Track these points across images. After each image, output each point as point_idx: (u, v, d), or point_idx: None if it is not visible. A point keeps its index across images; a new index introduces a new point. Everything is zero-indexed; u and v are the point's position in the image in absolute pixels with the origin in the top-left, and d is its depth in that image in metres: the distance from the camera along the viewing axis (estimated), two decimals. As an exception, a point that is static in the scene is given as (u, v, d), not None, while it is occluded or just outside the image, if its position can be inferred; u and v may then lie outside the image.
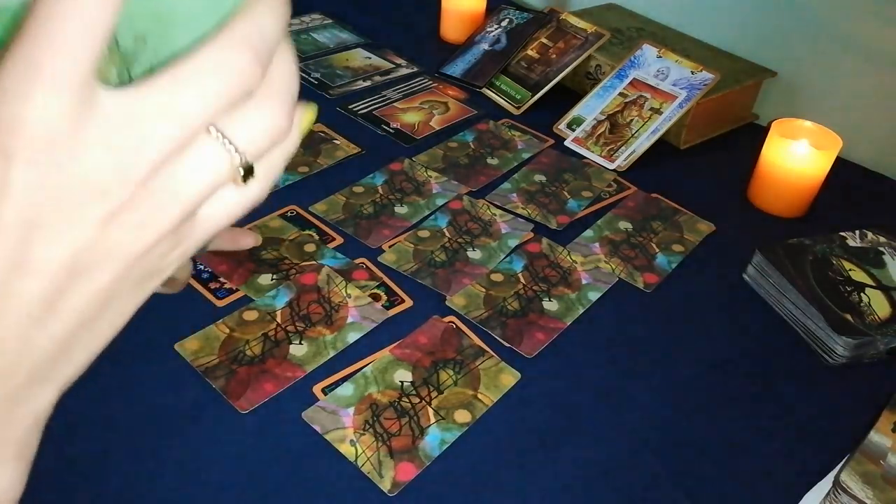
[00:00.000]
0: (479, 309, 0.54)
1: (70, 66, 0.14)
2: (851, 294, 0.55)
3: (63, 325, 0.16)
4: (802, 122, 0.67)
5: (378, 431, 0.44)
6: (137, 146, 0.15)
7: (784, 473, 0.44)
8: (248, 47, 0.15)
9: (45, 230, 0.15)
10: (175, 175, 0.16)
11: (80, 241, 0.15)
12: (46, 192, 0.14)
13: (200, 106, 0.15)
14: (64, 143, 0.14)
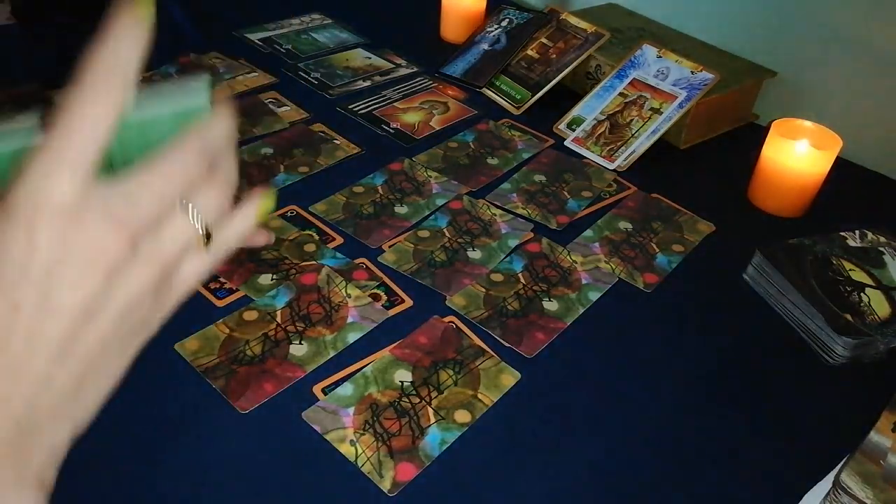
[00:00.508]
0: (479, 309, 0.54)
1: (81, 157, 0.19)
2: (851, 294, 0.55)
3: (78, 363, 0.20)
4: (802, 121, 0.67)
5: (378, 431, 0.44)
6: (128, 215, 0.20)
7: (784, 473, 0.44)
8: (196, 149, 0.22)
9: (63, 280, 0.19)
10: (157, 240, 0.21)
11: (90, 290, 0.20)
12: (64, 249, 0.19)
13: (167, 186, 0.21)
14: (75, 213, 0.19)
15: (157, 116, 0.22)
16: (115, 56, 0.20)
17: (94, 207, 0.19)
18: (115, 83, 0.20)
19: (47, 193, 0.19)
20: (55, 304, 0.19)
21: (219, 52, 0.88)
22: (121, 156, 0.21)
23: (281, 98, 0.80)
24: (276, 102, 0.79)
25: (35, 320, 0.19)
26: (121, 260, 0.20)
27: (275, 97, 0.80)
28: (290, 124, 0.75)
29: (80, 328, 0.20)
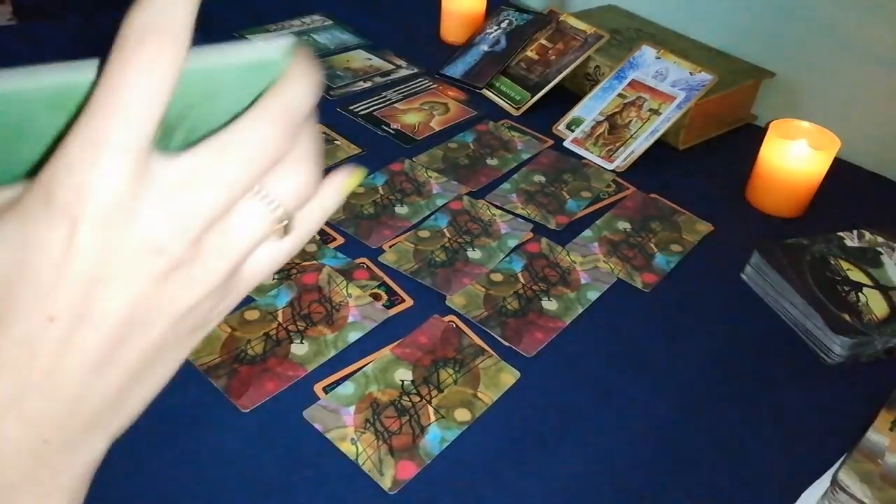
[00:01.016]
0: (478, 308, 0.54)
1: (133, 137, 0.15)
2: (849, 294, 0.55)
3: (118, 375, 0.17)
4: (801, 122, 0.68)
5: (378, 430, 0.44)
6: (190, 209, 0.16)
7: (782, 472, 0.44)
8: (280, 120, 0.17)
9: (106, 286, 0.16)
10: (224, 233, 0.17)
11: (137, 296, 0.16)
12: (109, 251, 0.16)
13: (241, 172, 0.17)
14: (125, 207, 0.16)
15: (224, 67, 0.17)
16: (165, 7, 0.15)
17: (147, 198, 0.16)
18: (168, 40, 0.15)
19: (92, 186, 0.15)
20: (95, 314, 0.16)
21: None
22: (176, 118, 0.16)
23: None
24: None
25: (70, 332, 0.16)
26: (177, 261, 0.17)
27: (275, 98, 0.80)
28: (291, 125, 0.75)
29: (123, 339, 0.17)
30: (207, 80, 0.17)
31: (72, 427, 0.17)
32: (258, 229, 0.18)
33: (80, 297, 0.16)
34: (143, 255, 0.16)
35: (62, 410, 0.17)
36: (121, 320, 0.17)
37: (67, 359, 0.16)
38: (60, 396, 0.17)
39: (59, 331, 0.16)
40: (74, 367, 0.17)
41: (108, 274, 0.16)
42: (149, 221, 0.16)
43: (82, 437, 0.18)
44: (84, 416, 0.17)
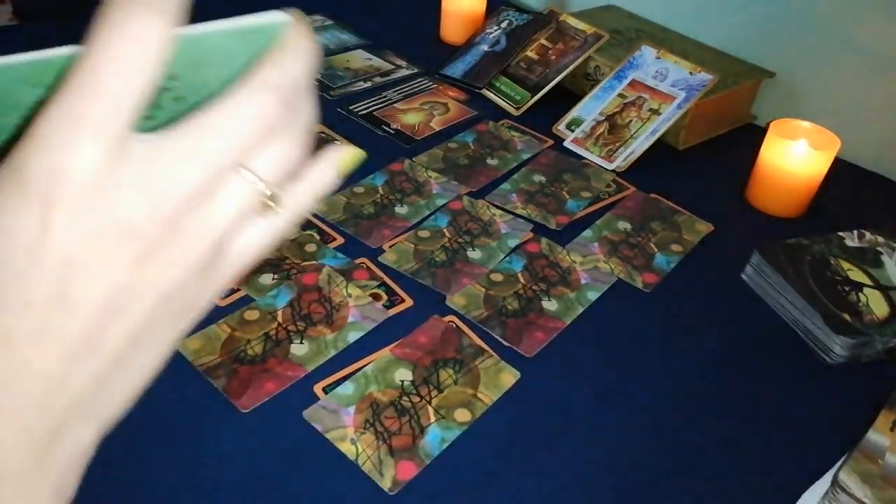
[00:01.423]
0: (478, 308, 0.54)
1: (112, 119, 0.14)
2: (850, 294, 0.55)
3: (100, 362, 0.17)
4: (801, 122, 0.68)
5: (378, 430, 0.44)
6: (167, 189, 0.16)
7: (782, 472, 0.44)
8: (273, 92, 0.16)
9: (83, 271, 0.15)
10: (203, 211, 0.16)
11: (115, 281, 0.16)
12: (84, 234, 0.15)
13: (227, 149, 0.16)
14: (100, 190, 0.15)
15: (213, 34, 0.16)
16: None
17: (125, 177, 0.15)
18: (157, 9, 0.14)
19: (66, 169, 0.14)
20: (73, 299, 0.16)
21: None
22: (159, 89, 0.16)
23: (281, 99, 0.80)
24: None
25: (48, 319, 0.16)
26: (154, 243, 0.16)
27: (275, 98, 0.80)
28: (291, 125, 0.75)
29: (103, 324, 0.16)
30: (195, 48, 0.16)
31: (53, 416, 0.17)
32: (239, 206, 0.17)
33: (56, 283, 0.15)
34: (119, 238, 0.15)
35: (42, 399, 0.16)
36: (99, 306, 0.16)
37: (45, 346, 0.16)
38: (39, 385, 0.16)
39: (35, 317, 0.15)
40: (52, 354, 0.16)
41: (84, 258, 0.15)
42: (123, 204, 0.15)
43: (65, 427, 0.17)
44: (65, 404, 0.17)
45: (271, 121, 0.17)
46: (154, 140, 0.16)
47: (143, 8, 0.14)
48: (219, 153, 0.16)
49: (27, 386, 0.16)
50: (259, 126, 0.17)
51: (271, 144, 0.17)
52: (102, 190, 0.15)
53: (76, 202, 0.15)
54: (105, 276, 0.16)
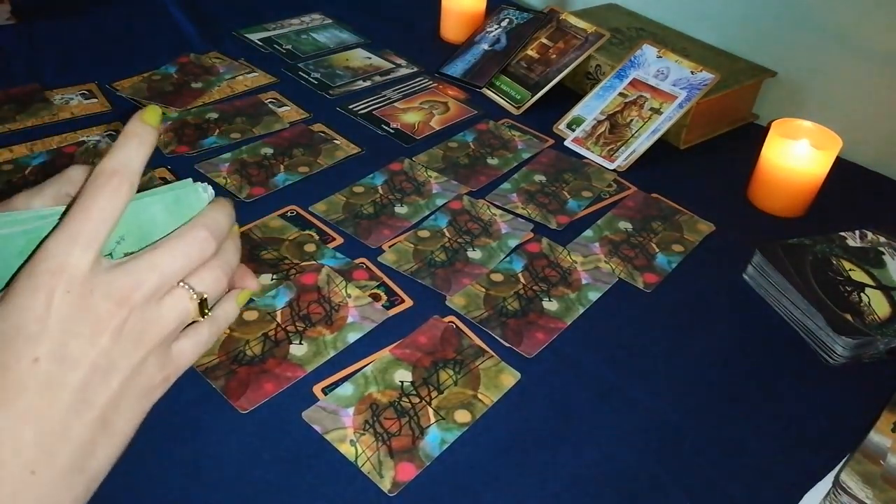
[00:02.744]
0: (478, 309, 0.54)
1: (95, 236, 0.23)
2: (851, 294, 0.55)
3: (92, 416, 0.23)
4: (802, 122, 0.67)
5: (378, 431, 0.44)
6: (133, 286, 0.23)
7: (784, 473, 0.44)
8: (207, 230, 0.25)
9: (78, 336, 0.22)
10: (158, 307, 0.24)
11: (101, 346, 0.23)
12: (78, 310, 0.22)
13: (175, 266, 0.24)
14: (89, 281, 0.22)
15: (153, 203, 0.25)
16: (127, 157, 0.24)
17: (100, 283, 0.23)
18: (125, 180, 0.23)
19: (65, 262, 0.22)
20: (71, 356, 0.22)
21: (219, 52, 0.88)
22: (114, 234, 0.24)
23: (281, 98, 0.80)
24: (276, 102, 0.79)
25: (53, 370, 0.22)
26: (128, 322, 0.23)
27: (275, 97, 0.80)
28: (290, 124, 0.75)
29: (94, 381, 0.22)
30: (138, 215, 0.25)
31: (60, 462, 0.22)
32: (181, 308, 0.25)
33: (58, 344, 0.22)
34: (103, 314, 0.22)
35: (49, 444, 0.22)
36: (91, 364, 0.22)
37: (52, 395, 0.22)
38: (47, 431, 0.21)
39: (43, 370, 0.21)
40: (59, 401, 0.22)
41: (79, 327, 0.22)
42: (106, 292, 0.23)
43: (69, 476, 0.22)
44: (69, 452, 0.22)
45: (206, 250, 0.25)
46: (125, 259, 0.24)
47: (117, 176, 0.23)
48: (170, 267, 0.24)
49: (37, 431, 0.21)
50: (198, 254, 0.25)
51: (205, 270, 0.25)
52: (91, 282, 0.22)
53: (73, 287, 0.22)
54: (94, 342, 0.22)
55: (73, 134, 0.70)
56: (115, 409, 0.23)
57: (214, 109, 0.77)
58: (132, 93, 0.78)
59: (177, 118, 0.74)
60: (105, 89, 0.78)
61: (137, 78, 0.81)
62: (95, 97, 0.77)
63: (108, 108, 0.75)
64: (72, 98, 0.76)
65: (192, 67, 0.84)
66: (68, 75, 0.80)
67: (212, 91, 0.80)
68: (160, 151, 0.69)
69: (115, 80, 0.80)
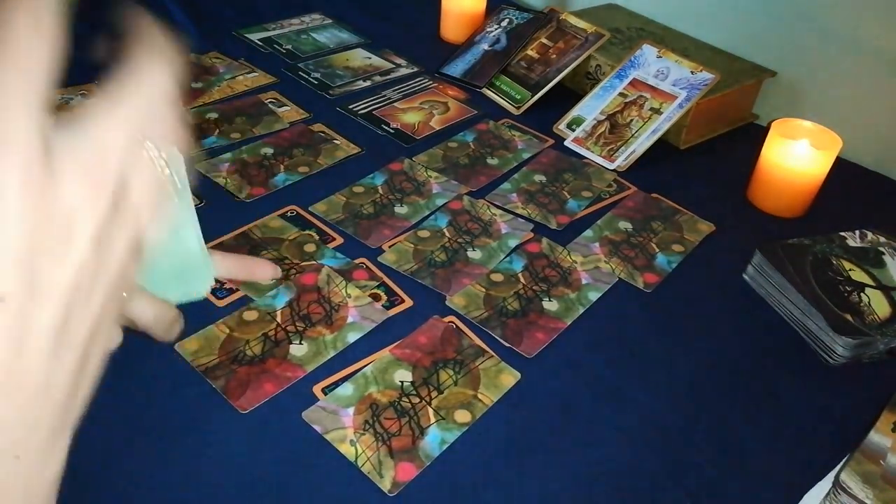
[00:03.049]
0: (479, 309, 0.54)
1: (31, 90, 0.16)
2: (851, 294, 0.55)
3: (73, 355, 0.17)
4: (802, 122, 0.67)
5: (378, 431, 0.44)
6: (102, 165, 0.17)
7: (784, 473, 0.44)
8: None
9: (48, 254, 0.16)
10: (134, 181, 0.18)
11: (79, 261, 0.16)
12: (41, 218, 0.15)
13: (129, 128, 0.18)
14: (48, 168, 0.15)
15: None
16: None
17: (65, 162, 0.16)
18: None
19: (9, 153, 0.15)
20: (44, 283, 0.15)
21: (219, 52, 0.88)
22: None
23: (281, 98, 0.80)
24: (276, 102, 0.79)
25: (24, 311, 0.15)
26: (106, 220, 0.17)
27: (275, 97, 0.80)
28: (290, 124, 0.75)
29: (73, 309, 0.16)
30: None
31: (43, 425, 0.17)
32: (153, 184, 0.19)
33: (26, 272, 0.15)
34: (77, 218, 0.16)
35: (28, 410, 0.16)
36: (69, 289, 0.16)
37: (26, 343, 0.15)
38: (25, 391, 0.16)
39: (12, 311, 0.15)
40: (33, 350, 0.16)
41: (46, 243, 0.15)
42: (73, 185, 0.16)
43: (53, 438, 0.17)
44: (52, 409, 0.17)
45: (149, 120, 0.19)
46: (71, 128, 0.17)
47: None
48: (125, 134, 0.18)
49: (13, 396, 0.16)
50: (148, 106, 0.19)
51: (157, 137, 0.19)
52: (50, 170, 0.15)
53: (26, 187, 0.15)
54: (70, 258, 0.16)
55: (72, 134, 0.70)
56: (94, 337, 0.17)
57: (214, 109, 0.77)
58: (132, 93, 0.78)
59: (177, 118, 0.74)
60: (105, 89, 0.78)
61: (137, 78, 0.81)
62: (95, 97, 0.77)
63: (108, 108, 0.75)
64: (71, 98, 0.76)
65: (192, 67, 0.84)
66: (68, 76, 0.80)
67: (212, 91, 0.80)
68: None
69: (115, 80, 0.80)
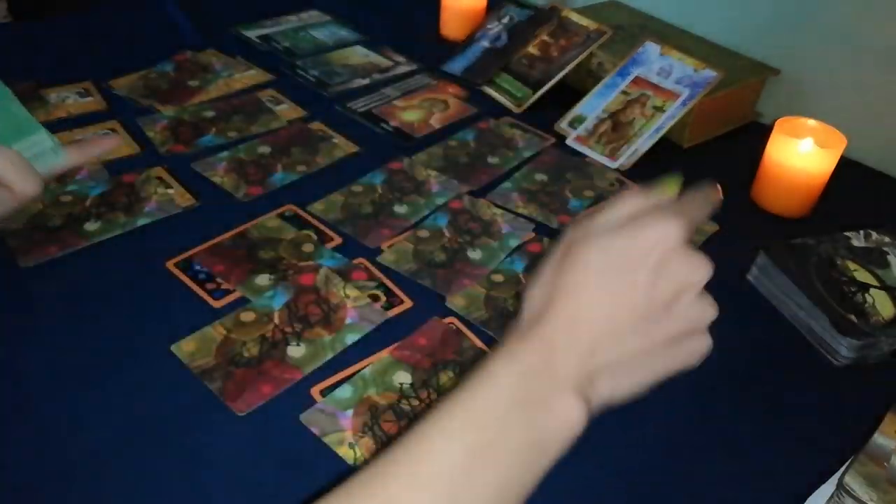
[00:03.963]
0: (479, 310, 0.53)
1: None
2: (856, 295, 0.54)
3: (639, 342, 0.29)
4: (806, 120, 0.67)
5: (377, 434, 0.43)
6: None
7: (788, 475, 0.43)
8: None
9: (667, 271, 0.28)
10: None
11: (670, 289, 0.28)
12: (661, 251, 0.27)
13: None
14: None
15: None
16: None
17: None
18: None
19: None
20: (657, 289, 0.26)
21: (216, 49, 0.88)
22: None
23: (279, 96, 0.79)
24: (273, 100, 0.78)
25: (641, 298, 0.26)
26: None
27: (272, 95, 0.79)
28: (289, 122, 0.74)
29: (654, 315, 0.27)
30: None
31: (601, 353, 0.27)
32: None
33: (652, 275, 0.27)
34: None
35: (608, 341, 0.27)
36: (664, 302, 0.28)
37: (632, 314, 0.27)
38: (614, 332, 0.27)
39: (640, 294, 0.27)
40: (629, 320, 0.27)
41: (669, 263, 0.27)
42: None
43: (601, 361, 0.28)
44: (613, 353, 0.27)
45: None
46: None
47: None
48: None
49: (613, 330, 0.27)
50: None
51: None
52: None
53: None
54: (671, 282, 0.28)
55: (68, 132, 0.69)
56: (654, 352, 0.29)
57: (211, 107, 0.76)
58: (128, 91, 0.77)
59: (173, 116, 0.74)
60: (101, 87, 0.77)
61: (134, 76, 0.80)
62: (91, 95, 0.76)
63: (104, 106, 0.74)
64: (67, 96, 0.75)
65: (188, 65, 0.83)
66: (64, 73, 0.79)
67: (209, 89, 0.79)
68: (156, 150, 0.68)
69: (111, 78, 0.79)
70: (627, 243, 0.26)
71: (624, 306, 0.26)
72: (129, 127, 0.71)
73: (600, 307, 0.26)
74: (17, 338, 0.48)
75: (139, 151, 0.68)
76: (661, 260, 0.26)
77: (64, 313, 0.50)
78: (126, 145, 0.68)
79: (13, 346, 0.47)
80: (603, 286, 0.26)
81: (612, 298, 0.26)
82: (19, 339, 0.48)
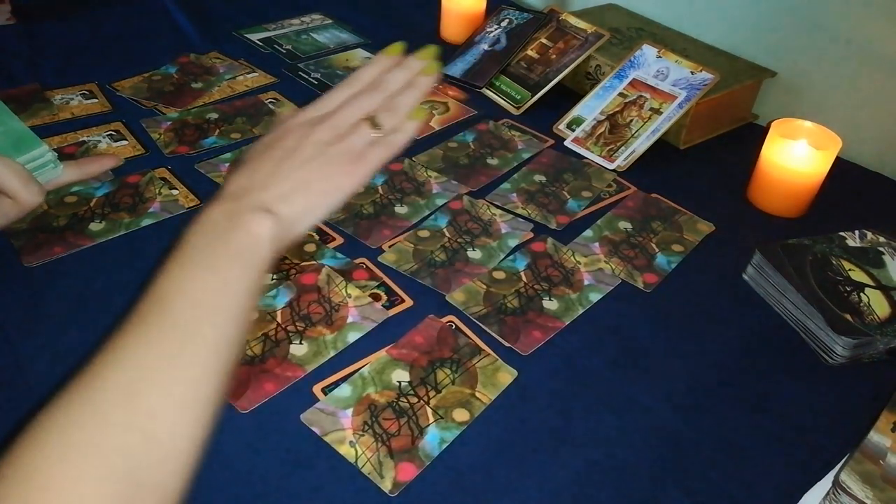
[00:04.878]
0: (478, 305, 0.54)
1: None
2: (851, 294, 0.55)
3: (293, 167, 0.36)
4: (802, 122, 0.67)
5: (377, 432, 0.44)
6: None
7: (783, 473, 0.44)
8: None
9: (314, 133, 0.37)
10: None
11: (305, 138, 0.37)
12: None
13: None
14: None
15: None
16: None
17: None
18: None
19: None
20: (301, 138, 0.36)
21: (219, 52, 0.88)
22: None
23: (281, 98, 0.80)
24: (276, 102, 0.79)
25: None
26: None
27: (275, 97, 0.80)
28: (290, 124, 0.75)
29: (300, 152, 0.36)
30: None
31: (255, 182, 0.35)
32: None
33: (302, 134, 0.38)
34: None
35: (261, 174, 0.35)
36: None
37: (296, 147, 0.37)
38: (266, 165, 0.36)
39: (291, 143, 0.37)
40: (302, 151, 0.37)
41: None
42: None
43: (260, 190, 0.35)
44: (265, 175, 0.35)
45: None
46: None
47: None
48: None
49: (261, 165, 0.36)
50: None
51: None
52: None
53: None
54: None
55: (73, 134, 0.70)
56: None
57: (215, 109, 0.77)
58: (132, 93, 0.78)
59: (177, 118, 0.74)
60: (105, 89, 0.78)
61: (138, 78, 0.81)
62: (95, 97, 0.77)
63: (109, 108, 0.75)
64: (72, 98, 0.76)
65: (192, 67, 0.84)
66: (68, 75, 0.80)
67: (212, 91, 0.80)
68: (160, 152, 0.69)
69: (116, 80, 0.80)
70: (280, 131, 0.37)
71: (276, 158, 0.35)
72: (134, 128, 0.72)
73: (262, 163, 0.35)
74: (22, 337, 0.48)
75: (143, 153, 0.69)
76: (298, 127, 0.37)
77: (68, 313, 0.50)
78: (130, 146, 0.69)
79: (18, 345, 0.48)
80: (262, 152, 0.36)
81: (270, 156, 0.35)
82: (24, 338, 0.48)
